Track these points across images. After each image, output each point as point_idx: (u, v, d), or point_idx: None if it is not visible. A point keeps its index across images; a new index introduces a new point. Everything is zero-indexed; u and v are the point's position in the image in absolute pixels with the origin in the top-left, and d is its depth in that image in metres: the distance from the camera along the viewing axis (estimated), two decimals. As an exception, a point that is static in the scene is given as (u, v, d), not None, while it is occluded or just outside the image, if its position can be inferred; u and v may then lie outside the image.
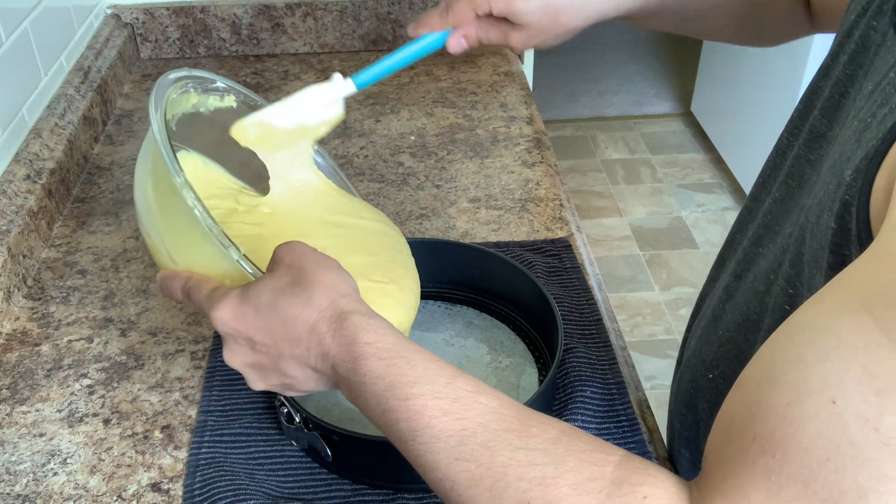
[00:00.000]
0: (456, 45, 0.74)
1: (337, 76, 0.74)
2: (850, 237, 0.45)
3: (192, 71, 0.73)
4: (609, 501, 0.41)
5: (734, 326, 0.65)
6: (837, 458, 0.36)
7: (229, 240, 0.59)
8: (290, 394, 0.59)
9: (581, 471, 0.43)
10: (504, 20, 0.73)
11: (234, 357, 0.57)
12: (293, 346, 0.54)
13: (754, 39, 0.85)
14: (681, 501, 0.41)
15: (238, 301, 0.56)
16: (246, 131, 0.73)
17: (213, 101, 0.76)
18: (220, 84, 0.76)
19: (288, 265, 0.56)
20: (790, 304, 0.55)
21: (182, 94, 0.72)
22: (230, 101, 0.77)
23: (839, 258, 0.45)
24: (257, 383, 0.58)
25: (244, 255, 0.59)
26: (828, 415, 0.37)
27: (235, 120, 0.74)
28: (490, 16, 0.73)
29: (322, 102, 0.74)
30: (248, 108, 0.77)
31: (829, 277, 0.46)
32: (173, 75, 0.70)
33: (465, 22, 0.73)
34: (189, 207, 0.58)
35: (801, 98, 0.65)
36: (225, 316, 0.55)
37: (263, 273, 0.58)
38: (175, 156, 0.60)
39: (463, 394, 0.48)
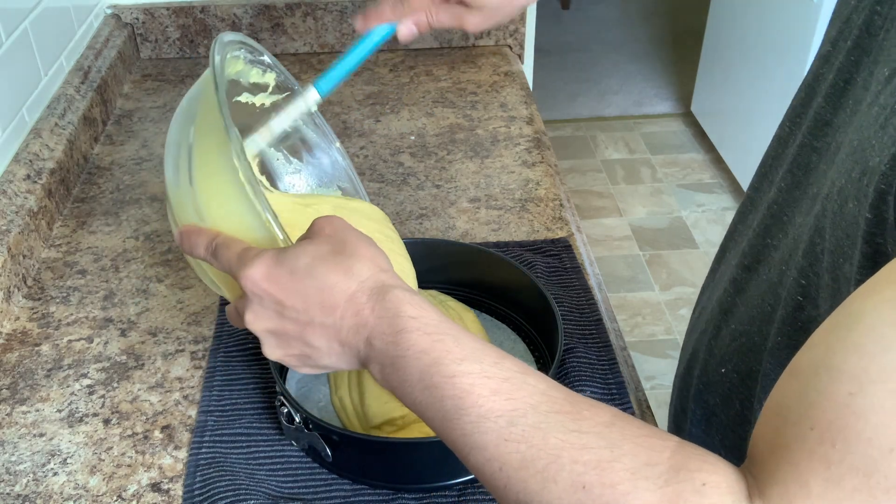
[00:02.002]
0: (407, 33, 0.73)
1: (308, 87, 0.73)
2: (887, 226, 0.44)
3: (247, 39, 0.71)
4: (667, 487, 0.41)
5: (747, 320, 0.65)
6: None
7: (269, 206, 0.57)
8: (303, 369, 0.56)
9: (638, 455, 0.42)
10: (457, 7, 0.73)
11: (257, 320, 0.54)
12: (326, 314, 0.52)
13: None
14: (739, 489, 0.41)
15: (273, 262, 0.53)
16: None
17: (255, 75, 0.74)
18: (266, 59, 0.74)
19: (329, 235, 0.55)
20: (803, 294, 0.55)
21: (232, 58, 0.70)
22: (270, 78, 0.76)
23: (873, 248, 0.45)
24: (274, 350, 0.55)
25: (280, 223, 0.58)
26: (892, 405, 0.36)
27: (255, 105, 0.73)
28: (443, 1, 0.72)
29: (295, 117, 0.74)
30: (280, 90, 0.76)
31: (863, 267, 0.46)
32: (232, 36, 0.68)
33: (418, 9, 0.72)
34: (234, 167, 0.57)
35: (801, 86, 0.64)
36: (257, 275, 0.53)
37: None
38: (230, 115, 0.58)
39: (511, 374, 0.47)
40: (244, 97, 0.74)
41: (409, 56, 1.46)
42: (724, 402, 0.69)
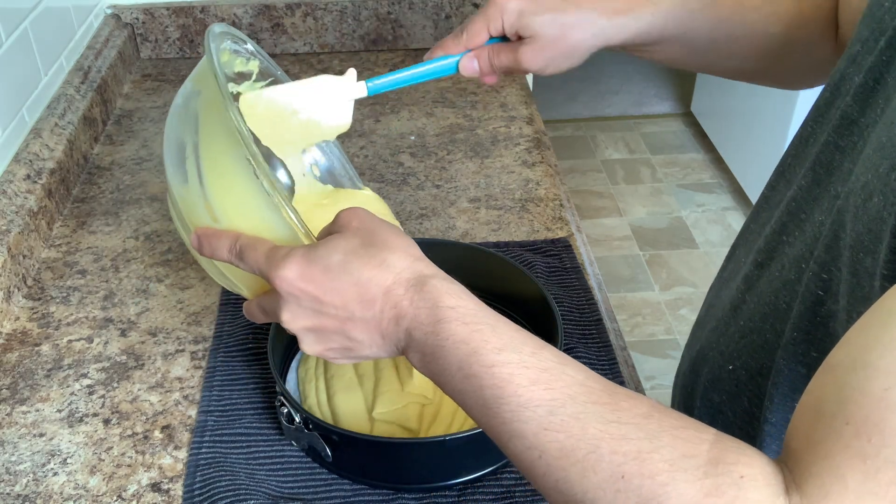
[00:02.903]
0: (468, 66, 0.74)
1: (352, 72, 0.73)
2: None
3: (230, 28, 0.71)
4: (706, 479, 0.41)
5: (759, 316, 0.65)
6: None
7: (289, 201, 0.57)
8: (343, 361, 0.57)
9: (676, 447, 0.43)
10: (514, 43, 0.73)
11: (295, 319, 0.55)
12: (365, 308, 0.52)
13: (777, 79, 0.81)
14: (776, 482, 0.41)
15: (305, 261, 0.53)
16: (256, 102, 0.70)
17: (239, 64, 0.74)
18: (249, 46, 0.74)
19: (357, 228, 0.55)
20: (824, 289, 0.56)
21: (220, 50, 0.70)
22: (254, 65, 0.75)
23: None
24: (313, 346, 0.56)
25: (302, 220, 0.57)
26: None
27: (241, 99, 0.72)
28: (503, 38, 0.73)
29: (333, 96, 0.72)
30: (263, 77, 0.76)
31: (890, 261, 0.46)
32: (220, 28, 0.67)
33: (478, 42, 0.73)
34: (249, 164, 0.56)
35: (826, 86, 0.64)
36: (291, 275, 0.53)
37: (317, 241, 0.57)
38: (239, 110, 0.57)
39: (550, 364, 0.48)
40: (230, 87, 0.74)
41: (409, 56, 1.46)
42: (731, 399, 0.69)
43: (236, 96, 0.72)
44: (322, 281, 0.53)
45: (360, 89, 0.73)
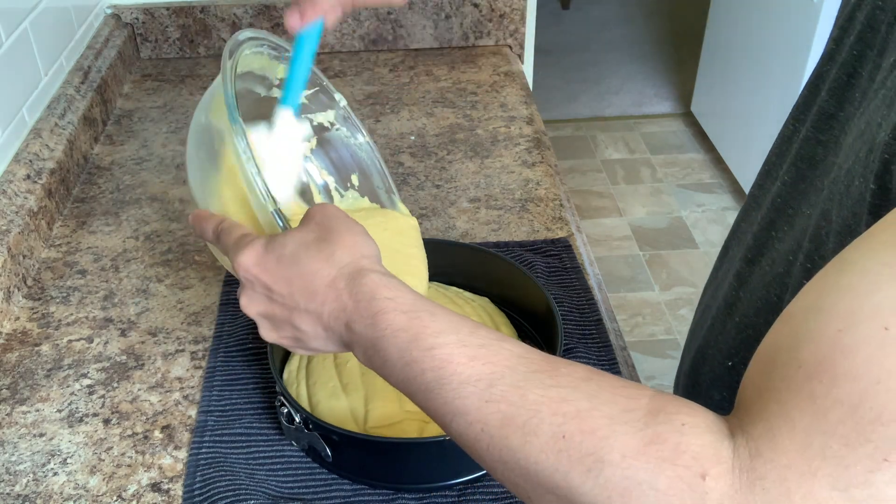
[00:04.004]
0: (333, 21, 0.74)
1: (279, 111, 0.72)
2: (891, 196, 0.45)
3: (270, 35, 0.73)
4: (647, 429, 0.41)
5: (753, 311, 0.65)
6: (890, 380, 0.36)
7: (270, 194, 0.60)
8: (298, 350, 0.59)
9: (616, 403, 0.43)
10: None
11: (250, 304, 0.57)
12: (308, 299, 0.54)
13: None
14: (719, 428, 0.41)
15: (262, 249, 0.56)
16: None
17: (283, 70, 0.75)
18: (289, 53, 0.74)
19: (317, 223, 0.57)
20: (807, 277, 0.56)
21: (254, 53, 0.71)
22: None
23: (877, 219, 0.46)
24: (269, 333, 0.58)
25: (279, 209, 0.61)
26: (881, 340, 0.36)
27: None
28: None
29: (282, 144, 0.73)
30: (309, 86, 0.77)
31: None
32: (251, 33, 0.70)
33: None
34: (238, 153, 0.60)
35: (806, 86, 0.65)
36: (247, 261, 0.56)
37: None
38: (236, 103, 0.61)
39: (488, 341, 0.48)
40: (274, 92, 0.75)
41: (409, 56, 1.46)
42: (732, 395, 0.69)
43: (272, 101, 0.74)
44: (274, 269, 0.55)
45: (288, 115, 0.72)
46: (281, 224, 0.60)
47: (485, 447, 0.46)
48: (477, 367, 0.47)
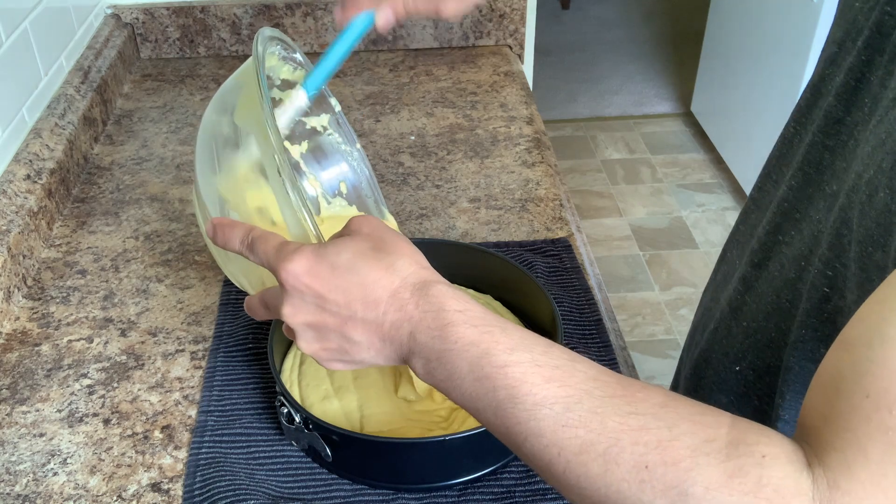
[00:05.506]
0: (385, 21, 0.73)
1: (295, 92, 0.72)
2: None
3: (283, 35, 0.71)
4: (729, 462, 0.41)
5: (762, 316, 0.65)
6: None
7: (307, 203, 0.57)
8: (335, 364, 0.56)
9: (696, 433, 0.43)
10: None
11: (297, 313, 0.54)
12: (368, 309, 0.52)
13: None
14: (798, 458, 0.41)
15: (314, 257, 0.53)
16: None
17: (286, 72, 0.74)
18: (298, 56, 0.74)
19: (367, 234, 0.55)
20: (829, 286, 0.56)
21: (268, 53, 0.70)
22: (300, 76, 0.75)
23: None
24: (312, 344, 0.56)
25: (315, 220, 0.58)
26: None
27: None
28: None
29: (287, 122, 0.73)
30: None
31: None
32: (271, 31, 0.68)
33: None
34: (275, 163, 0.57)
35: (807, 88, 0.65)
36: (298, 270, 0.53)
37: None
38: (272, 112, 0.58)
39: (562, 362, 0.47)
40: (274, 92, 0.74)
41: (409, 56, 1.46)
42: (739, 399, 0.69)
43: (278, 102, 0.72)
44: (328, 278, 0.53)
45: (302, 98, 0.72)
46: (315, 232, 0.57)
47: (561, 471, 0.46)
48: (553, 389, 0.46)
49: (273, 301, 0.57)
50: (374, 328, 0.53)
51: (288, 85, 0.75)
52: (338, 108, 0.79)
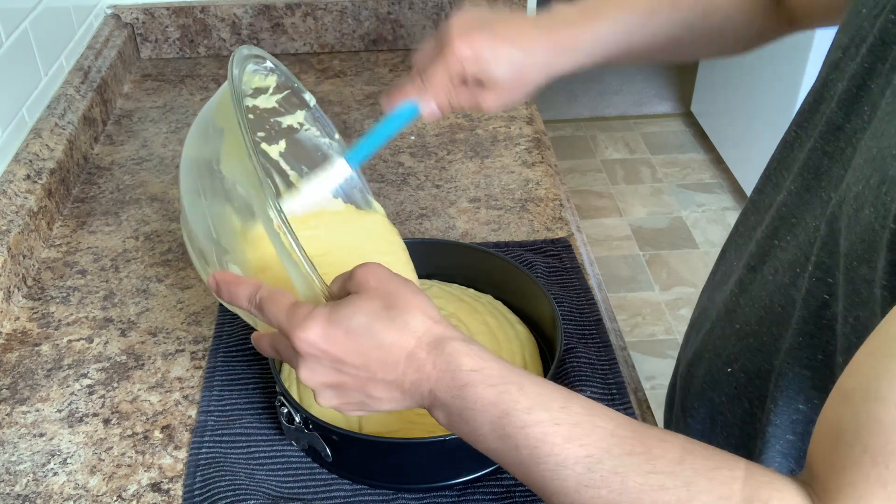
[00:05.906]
0: (429, 112, 0.74)
1: (337, 162, 0.74)
2: None
3: (253, 48, 0.70)
4: None
5: (755, 320, 0.65)
6: None
7: (307, 256, 0.56)
8: (359, 412, 0.58)
9: (712, 490, 0.45)
10: (474, 85, 0.74)
11: (314, 376, 0.55)
12: (387, 371, 0.53)
13: (725, 49, 0.83)
14: None
15: (328, 323, 0.53)
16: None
17: (257, 81, 0.73)
18: (268, 63, 0.73)
19: (375, 288, 0.55)
20: (829, 293, 0.57)
21: (249, 73, 0.71)
22: (271, 80, 0.75)
23: None
24: (331, 400, 0.56)
25: (323, 282, 0.57)
26: None
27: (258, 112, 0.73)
28: (462, 82, 0.73)
29: (327, 190, 0.75)
30: (280, 90, 0.76)
31: (890, 275, 0.48)
32: (246, 51, 0.67)
33: (439, 89, 0.73)
34: (270, 218, 0.56)
35: (811, 91, 0.64)
36: (313, 337, 0.53)
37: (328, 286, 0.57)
38: (260, 161, 0.56)
39: (580, 418, 0.49)
40: (246, 101, 0.74)
41: (410, 56, 1.46)
42: (730, 400, 0.69)
43: (252, 109, 0.72)
44: (344, 343, 0.53)
45: (345, 170, 0.75)
46: (319, 285, 0.57)
47: None
48: (573, 450, 0.48)
49: (286, 355, 0.57)
50: (394, 386, 0.54)
51: (259, 91, 0.75)
52: (313, 102, 0.79)
